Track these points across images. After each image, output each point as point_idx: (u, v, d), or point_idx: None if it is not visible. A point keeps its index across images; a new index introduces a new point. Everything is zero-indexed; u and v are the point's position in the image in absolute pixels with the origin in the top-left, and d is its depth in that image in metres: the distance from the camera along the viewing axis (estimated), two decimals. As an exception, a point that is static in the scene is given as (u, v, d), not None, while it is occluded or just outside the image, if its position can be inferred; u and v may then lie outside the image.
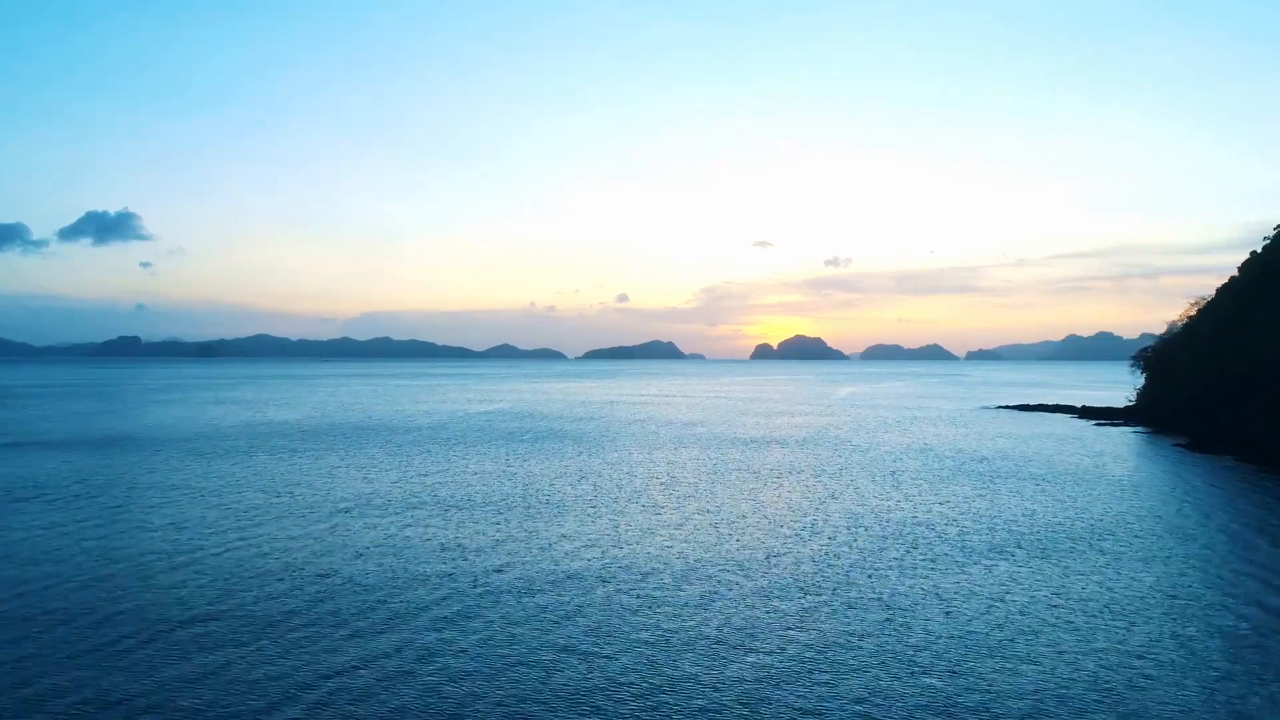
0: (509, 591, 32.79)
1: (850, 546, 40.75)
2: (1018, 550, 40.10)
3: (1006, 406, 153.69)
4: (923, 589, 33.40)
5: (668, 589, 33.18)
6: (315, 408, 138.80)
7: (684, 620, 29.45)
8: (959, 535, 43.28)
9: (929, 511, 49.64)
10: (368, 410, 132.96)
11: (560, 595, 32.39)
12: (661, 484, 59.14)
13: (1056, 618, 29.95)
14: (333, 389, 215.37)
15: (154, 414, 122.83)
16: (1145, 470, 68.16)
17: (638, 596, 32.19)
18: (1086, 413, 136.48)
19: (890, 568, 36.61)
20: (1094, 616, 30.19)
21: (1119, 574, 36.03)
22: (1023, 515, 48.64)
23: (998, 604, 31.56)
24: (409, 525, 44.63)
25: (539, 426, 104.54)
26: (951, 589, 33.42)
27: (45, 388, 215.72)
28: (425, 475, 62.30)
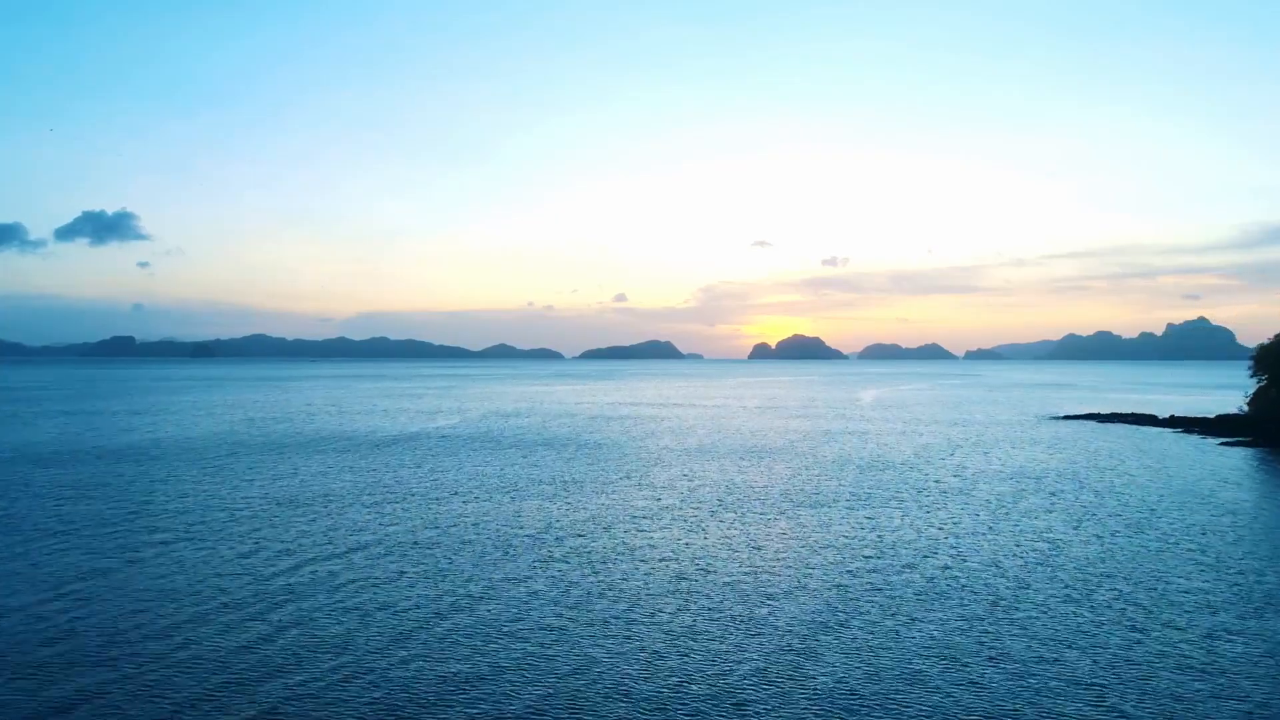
0: None
1: None
2: None
3: (1073, 416, 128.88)
4: None
5: None
6: (245, 420, 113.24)
7: None
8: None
9: None
10: (307, 423, 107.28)
11: None
12: (679, 601, 33.98)
13: None
14: (295, 393, 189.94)
15: (28, 428, 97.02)
16: None
17: None
18: (1181, 424, 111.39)
19: None
20: None
21: None
22: None
23: None
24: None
25: (505, 457, 79.68)
26: None
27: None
28: (271, 578, 37.08)
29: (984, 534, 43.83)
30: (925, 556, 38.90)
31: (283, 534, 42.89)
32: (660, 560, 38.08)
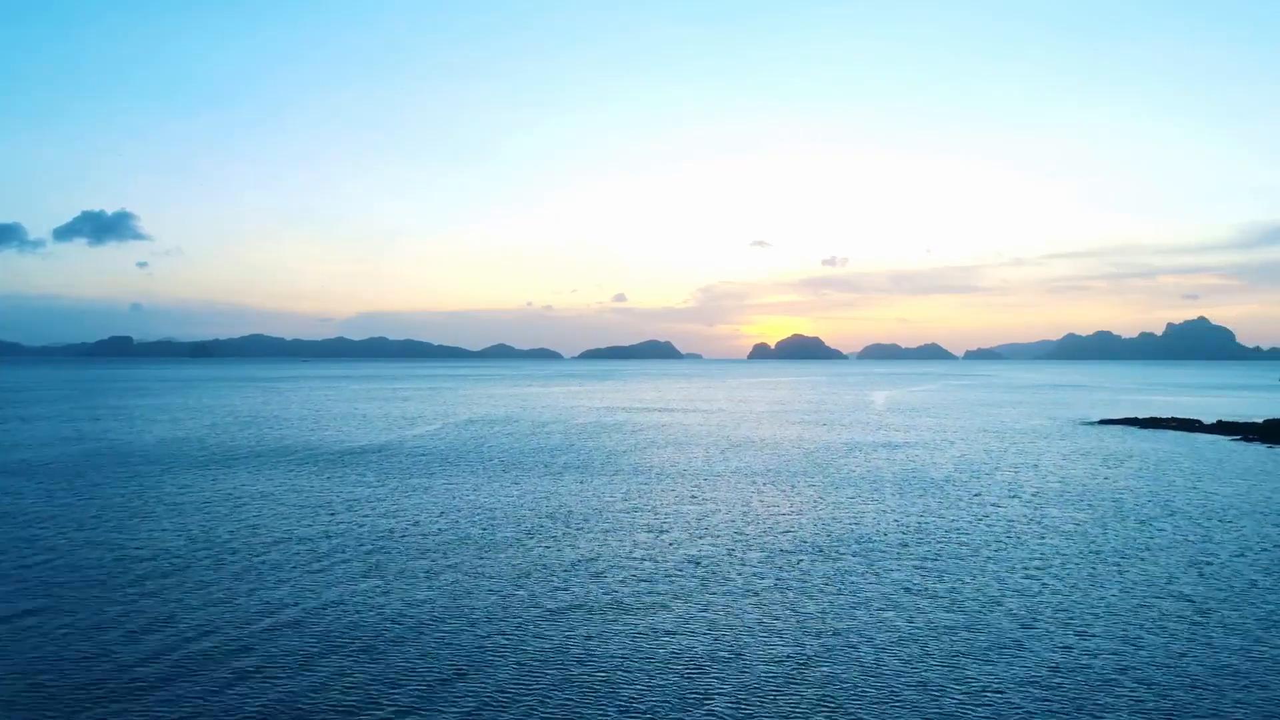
0: None
1: None
2: None
3: (1111, 421, 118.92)
4: None
5: None
6: (207, 426, 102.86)
7: None
8: None
9: None
10: (274, 428, 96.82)
11: None
12: (696, 707, 23.87)
13: None
14: (277, 395, 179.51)
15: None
16: None
17: None
18: (1233, 430, 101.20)
19: None
20: None
21: None
22: None
23: None
24: None
25: (484, 474, 69.62)
26: None
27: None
28: (120, 695, 26.93)
29: (1088, 588, 33.69)
30: (1026, 627, 28.75)
31: (173, 592, 32.69)
32: (668, 635, 27.92)
